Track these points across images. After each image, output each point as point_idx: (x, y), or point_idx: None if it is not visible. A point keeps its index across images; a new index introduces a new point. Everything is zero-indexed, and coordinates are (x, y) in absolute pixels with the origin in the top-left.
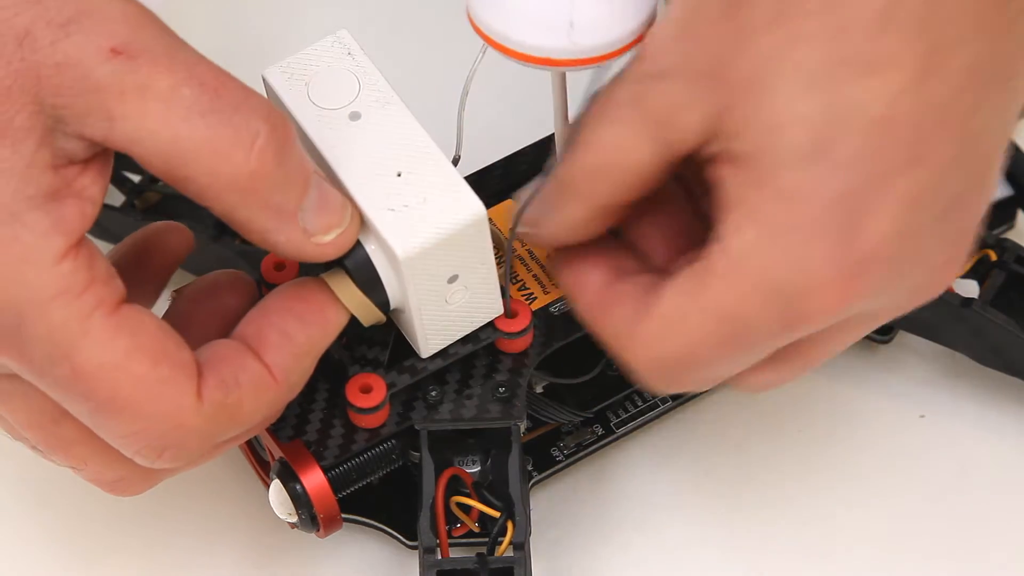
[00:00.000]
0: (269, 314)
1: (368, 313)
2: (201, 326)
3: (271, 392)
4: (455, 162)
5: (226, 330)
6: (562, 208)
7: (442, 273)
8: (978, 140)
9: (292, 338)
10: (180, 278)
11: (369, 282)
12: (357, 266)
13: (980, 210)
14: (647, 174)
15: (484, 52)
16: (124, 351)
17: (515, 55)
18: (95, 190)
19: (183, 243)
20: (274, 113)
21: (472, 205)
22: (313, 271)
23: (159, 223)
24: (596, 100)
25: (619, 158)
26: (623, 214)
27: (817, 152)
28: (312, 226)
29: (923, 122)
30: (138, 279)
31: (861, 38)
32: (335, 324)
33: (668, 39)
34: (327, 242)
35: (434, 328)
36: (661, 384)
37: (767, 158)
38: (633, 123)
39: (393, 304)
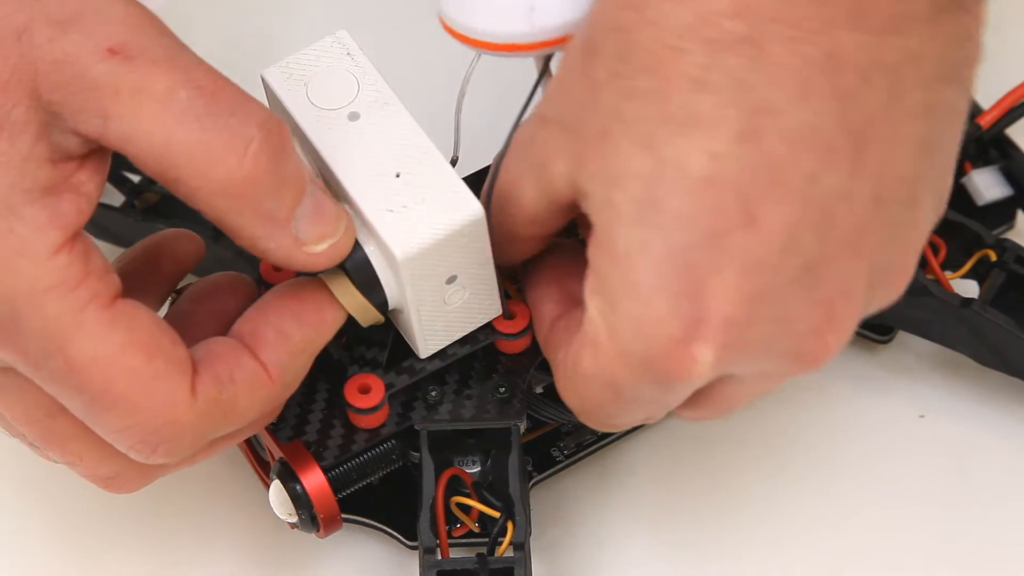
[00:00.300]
0: (266, 313)
1: (366, 314)
2: (200, 326)
3: (266, 389)
4: (453, 163)
5: (225, 331)
6: (493, 230)
7: (440, 274)
8: (835, 201)
9: (288, 336)
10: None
11: (367, 282)
12: (355, 267)
13: (858, 272)
14: (536, 214)
15: (479, 55)
16: (118, 345)
17: (481, 44)
18: (92, 186)
19: (193, 251)
20: (271, 119)
21: (471, 206)
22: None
23: (171, 230)
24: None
25: (513, 193)
26: (542, 245)
27: (647, 210)
28: (304, 235)
29: (753, 183)
30: (145, 284)
31: (683, 95)
32: (332, 324)
33: (553, 85)
34: (319, 252)
35: (432, 329)
36: (590, 423)
37: (605, 217)
38: (520, 164)
39: (391, 304)
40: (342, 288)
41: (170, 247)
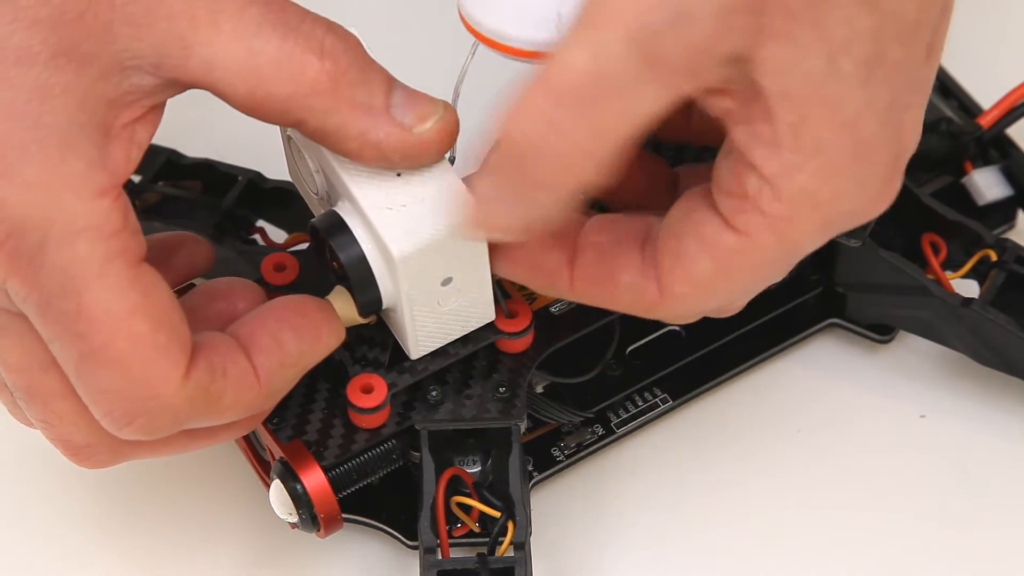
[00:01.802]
0: (266, 319)
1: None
2: (205, 322)
3: (251, 392)
4: (451, 161)
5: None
6: (550, 187)
7: (437, 274)
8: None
9: (283, 347)
10: None
11: (363, 280)
12: (351, 263)
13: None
14: (653, 122)
15: (475, 51)
16: (132, 305)
17: (506, 50)
18: (144, 137)
19: (204, 258)
20: (335, 24)
21: (470, 207)
22: (316, 288)
23: (187, 233)
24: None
25: (625, 127)
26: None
27: (874, 68)
28: (408, 119)
29: (938, 17)
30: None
31: None
32: (327, 345)
33: None
34: (428, 130)
35: (425, 330)
36: (719, 312)
37: (830, 87)
38: (646, 87)
39: (385, 303)
40: (346, 307)
41: (184, 247)
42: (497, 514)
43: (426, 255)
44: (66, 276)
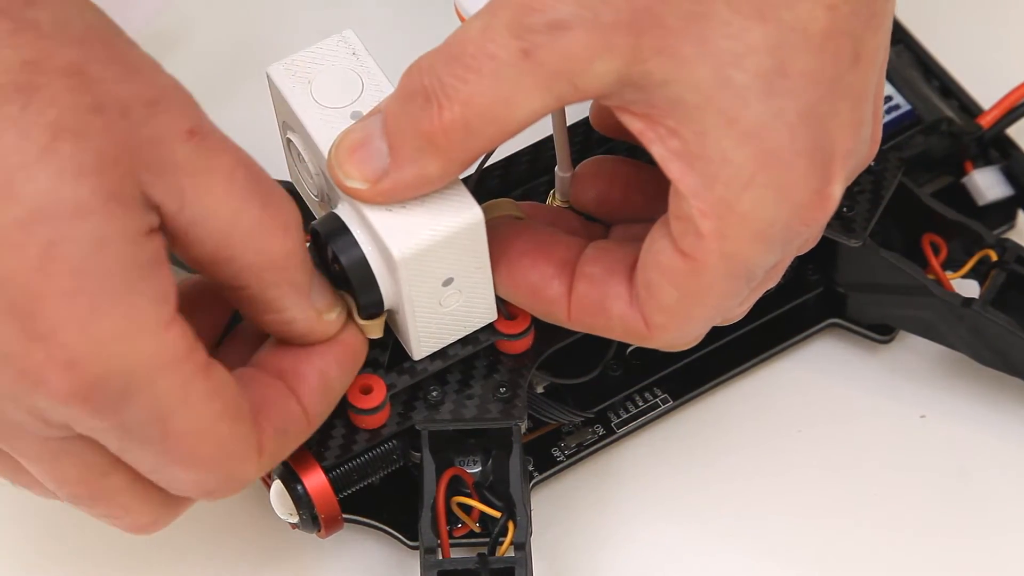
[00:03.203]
0: (311, 355)
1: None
2: (211, 316)
3: (305, 435)
4: None
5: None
6: (416, 163)
7: (437, 276)
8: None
9: (330, 383)
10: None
11: (364, 282)
12: (353, 265)
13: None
14: (530, 124)
15: None
16: (214, 415)
17: None
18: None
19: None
20: (290, 197)
21: (470, 209)
22: None
23: (197, 278)
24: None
25: (503, 113)
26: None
27: (776, 80)
28: (320, 304)
29: (859, 23)
30: (204, 316)
31: None
32: (358, 367)
33: None
34: (333, 320)
35: (427, 331)
36: (688, 341)
37: (717, 100)
38: (522, 78)
39: (387, 305)
40: (375, 329)
41: (209, 293)
42: (497, 514)
43: (426, 256)
44: (151, 411)
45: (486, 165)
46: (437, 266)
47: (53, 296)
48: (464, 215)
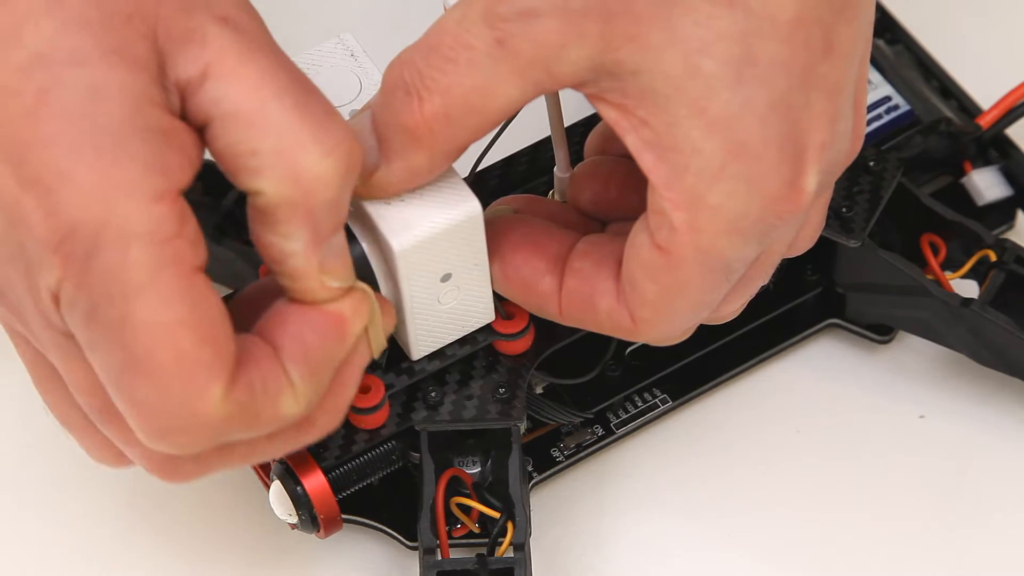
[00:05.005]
0: (301, 317)
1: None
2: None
3: (291, 404)
4: None
5: None
6: (403, 157)
7: (436, 270)
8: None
9: (312, 351)
10: None
11: (362, 277)
12: (352, 262)
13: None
14: (510, 113)
15: None
16: (179, 318)
17: None
18: (195, 154)
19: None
20: (357, 142)
21: (468, 202)
22: None
23: (259, 283)
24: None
25: (481, 103)
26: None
27: (744, 68)
28: (328, 265)
29: (830, 11)
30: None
31: None
32: (346, 345)
33: None
34: (332, 288)
35: (425, 329)
36: (675, 336)
37: (686, 90)
38: (498, 66)
39: None
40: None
41: (269, 292)
42: (497, 515)
43: (425, 249)
44: (116, 282)
45: (486, 165)
46: (435, 260)
47: (40, 142)
48: (463, 207)
